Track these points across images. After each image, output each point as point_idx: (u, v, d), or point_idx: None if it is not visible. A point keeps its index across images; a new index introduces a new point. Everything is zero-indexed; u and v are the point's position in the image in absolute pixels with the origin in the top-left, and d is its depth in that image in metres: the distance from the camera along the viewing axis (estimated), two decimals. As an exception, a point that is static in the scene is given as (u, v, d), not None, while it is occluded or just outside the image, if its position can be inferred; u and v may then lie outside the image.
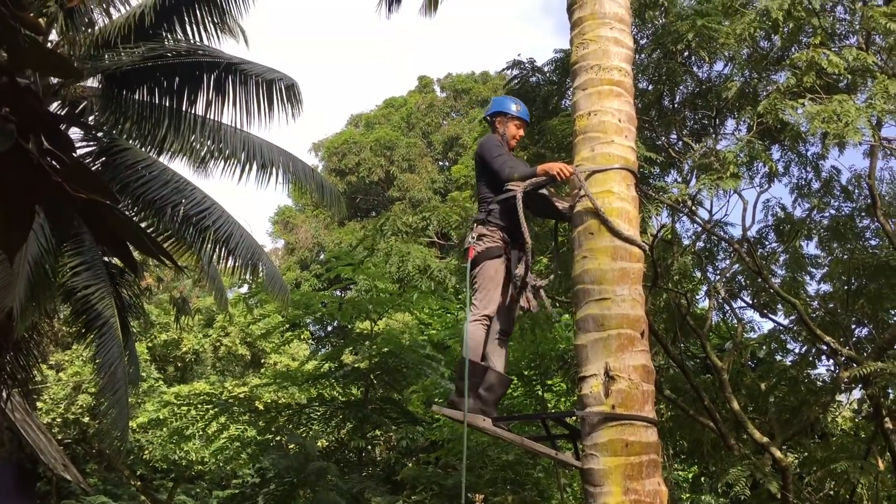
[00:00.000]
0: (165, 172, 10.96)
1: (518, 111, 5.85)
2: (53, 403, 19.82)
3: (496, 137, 5.72)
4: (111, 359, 9.41)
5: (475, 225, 5.52)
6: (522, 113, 5.88)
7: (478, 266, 5.35)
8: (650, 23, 9.61)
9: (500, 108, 5.89)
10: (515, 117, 5.82)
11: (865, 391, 10.81)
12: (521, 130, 5.90)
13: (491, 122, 5.93)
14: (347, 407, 12.36)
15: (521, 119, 5.85)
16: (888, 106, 7.55)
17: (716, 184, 8.05)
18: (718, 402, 11.27)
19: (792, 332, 12.31)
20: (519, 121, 5.84)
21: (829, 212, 11.38)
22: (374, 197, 33.99)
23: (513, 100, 6.03)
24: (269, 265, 11.98)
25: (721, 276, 11.88)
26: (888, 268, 10.51)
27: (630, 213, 5.07)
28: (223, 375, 23.47)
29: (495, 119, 5.86)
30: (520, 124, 5.85)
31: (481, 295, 5.31)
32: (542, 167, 5.30)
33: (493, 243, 5.35)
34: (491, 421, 5.09)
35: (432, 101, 35.36)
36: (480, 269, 5.34)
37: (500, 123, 5.82)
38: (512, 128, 5.81)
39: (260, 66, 10.42)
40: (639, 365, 4.68)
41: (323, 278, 26.90)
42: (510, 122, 5.81)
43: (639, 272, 5.00)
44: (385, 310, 13.52)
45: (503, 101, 6.01)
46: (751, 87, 9.40)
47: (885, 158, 10.66)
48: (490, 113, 5.96)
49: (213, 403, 12.94)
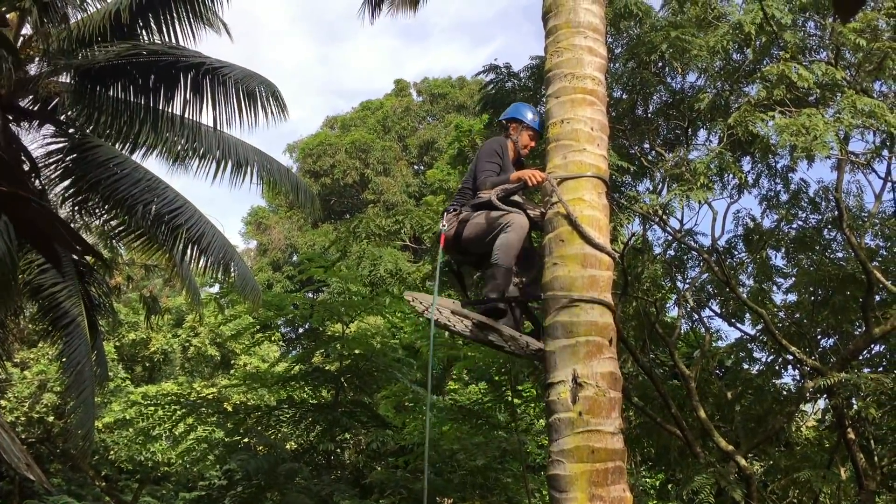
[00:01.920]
0: (137, 170, 10.87)
1: (533, 121, 5.89)
2: (17, 402, 19.52)
3: (499, 144, 5.74)
4: (78, 358, 9.31)
5: (446, 214, 5.64)
6: (536, 123, 5.91)
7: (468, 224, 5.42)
8: (625, 33, 9.70)
9: (517, 114, 5.93)
10: (530, 127, 5.87)
11: (829, 401, 10.98)
12: (534, 142, 5.94)
13: (506, 126, 5.96)
14: (317, 409, 12.28)
15: (534, 130, 5.90)
16: (856, 121, 7.69)
17: (686, 195, 8.14)
18: (686, 410, 11.38)
19: (758, 342, 12.47)
20: (532, 131, 5.89)
21: (797, 223, 11.56)
22: (348, 199, 33.90)
23: (530, 108, 6.05)
24: (241, 265, 11.91)
25: (691, 285, 12.00)
26: (853, 280, 10.68)
27: (601, 222, 5.11)
28: (192, 376, 23.27)
29: (510, 125, 5.91)
30: (533, 135, 5.91)
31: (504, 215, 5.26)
32: (514, 174, 5.35)
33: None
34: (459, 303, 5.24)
35: (408, 105, 35.35)
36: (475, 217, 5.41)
37: (514, 130, 5.88)
38: (525, 137, 5.87)
39: (240, 70, 10.34)
40: (606, 372, 4.72)
41: (295, 280, 26.80)
42: (525, 132, 5.86)
43: (608, 280, 5.04)
44: (357, 312, 13.48)
45: (521, 107, 6.03)
46: (723, 98, 9.53)
47: (851, 172, 10.84)
48: (506, 118, 5.99)
49: (181, 404, 12.81)
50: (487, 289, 5.26)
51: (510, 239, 5.22)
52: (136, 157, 11.06)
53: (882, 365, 12.00)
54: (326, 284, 14.72)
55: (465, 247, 5.53)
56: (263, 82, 10.30)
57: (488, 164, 5.55)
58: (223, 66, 10.23)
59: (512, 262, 5.26)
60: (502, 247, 5.22)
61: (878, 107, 7.61)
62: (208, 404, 13.28)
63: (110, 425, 19.27)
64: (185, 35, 10.64)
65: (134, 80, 10.22)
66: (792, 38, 8.45)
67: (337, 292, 18.59)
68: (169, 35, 10.61)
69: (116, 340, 21.97)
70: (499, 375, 12.92)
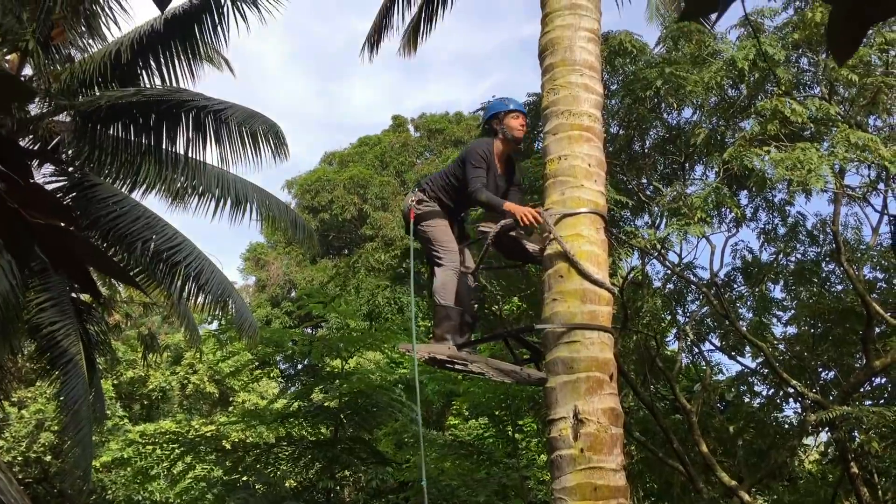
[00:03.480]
0: (137, 208, 10.91)
1: (509, 105, 5.86)
2: (15, 441, 19.35)
3: (483, 148, 5.72)
4: (76, 396, 9.26)
5: (415, 190, 5.74)
6: (516, 105, 5.89)
7: (430, 221, 5.55)
8: (620, 69, 9.80)
9: (495, 109, 5.88)
10: (511, 111, 5.83)
11: (832, 435, 10.92)
12: (521, 119, 5.86)
13: (490, 128, 5.92)
14: (316, 446, 12.19)
15: (517, 111, 5.85)
16: (850, 154, 7.75)
17: (684, 229, 8.18)
18: (688, 444, 11.32)
19: (759, 375, 12.44)
20: (515, 112, 5.84)
21: (796, 256, 11.58)
22: (346, 234, 33.93)
23: (504, 98, 6.00)
24: (239, 302, 11.90)
25: (691, 318, 12.00)
26: (853, 313, 10.69)
27: (599, 257, 5.13)
28: (190, 413, 23.11)
29: (492, 123, 5.87)
30: (517, 114, 5.84)
31: (441, 248, 5.49)
32: (508, 206, 5.35)
33: (432, 207, 5.61)
34: (456, 347, 5.27)
35: (406, 141, 35.53)
36: (429, 228, 5.55)
37: (497, 124, 5.83)
38: (510, 121, 5.80)
39: (241, 109, 10.43)
40: (607, 408, 4.70)
41: (294, 315, 26.73)
42: (507, 118, 5.80)
43: (608, 315, 5.05)
44: (356, 348, 13.44)
45: (495, 104, 5.99)
46: (718, 133, 9.61)
47: (848, 205, 10.90)
48: (487, 118, 5.95)
49: (179, 442, 12.71)
50: (442, 329, 5.32)
51: (445, 279, 5.40)
52: (136, 194, 11.09)
53: (884, 397, 11.96)
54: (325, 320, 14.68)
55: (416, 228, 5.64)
56: (265, 122, 10.38)
57: (476, 169, 5.56)
58: (225, 107, 10.32)
59: (454, 299, 5.39)
60: (440, 289, 5.39)
61: (871, 141, 7.67)
62: (206, 442, 13.17)
63: (108, 464, 19.09)
64: (185, 74, 10.76)
65: (135, 119, 10.30)
66: (785, 74, 8.55)
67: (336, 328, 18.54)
68: (169, 74, 10.72)
69: (114, 378, 21.85)
70: (499, 410, 12.87)
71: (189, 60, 10.77)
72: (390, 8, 10.74)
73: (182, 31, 10.47)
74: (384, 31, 10.89)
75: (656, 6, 10.03)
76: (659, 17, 10.09)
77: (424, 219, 5.57)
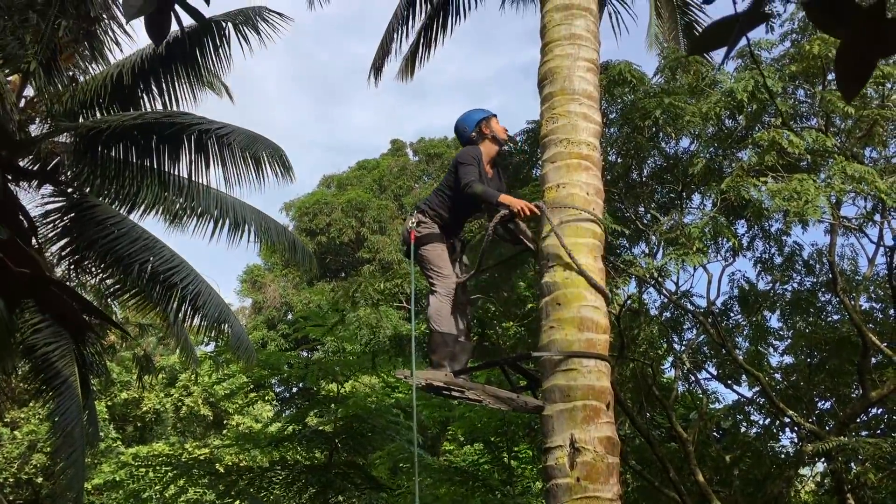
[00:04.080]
0: (135, 230, 10.91)
1: (486, 112, 5.97)
2: (7, 462, 19.23)
3: (474, 154, 5.76)
4: (69, 418, 9.21)
5: (415, 212, 5.76)
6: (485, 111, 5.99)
7: (422, 249, 5.58)
8: (619, 99, 9.88)
9: (478, 117, 5.92)
10: (492, 115, 5.96)
11: (828, 465, 10.89)
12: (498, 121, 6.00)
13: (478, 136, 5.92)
14: (310, 471, 12.12)
15: (492, 115, 5.98)
16: (846, 186, 7.80)
17: (682, 259, 8.21)
18: (684, 474, 11.27)
19: (755, 404, 12.42)
20: (495, 117, 5.98)
21: (792, 286, 11.61)
22: (344, 258, 33.94)
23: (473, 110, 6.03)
24: (236, 325, 11.88)
25: (687, 347, 12.00)
26: (849, 343, 10.70)
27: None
28: (184, 436, 22.98)
29: (480, 128, 5.91)
30: (496, 119, 5.98)
31: (436, 273, 5.55)
32: (504, 198, 5.43)
33: (432, 229, 5.64)
34: (453, 374, 5.28)
35: (405, 165, 35.68)
36: (426, 253, 5.58)
37: (486, 129, 5.90)
38: (493, 124, 5.92)
39: (244, 133, 10.46)
40: (604, 437, 4.70)
41: (290, 338, 26.66)
42: (491, 121, 5.91)
43: (605, 343, 5.07)
44: (352, 372, 13.41)
45: (470, 115, 5.99)
46: (716, 163, 9.66)
47: (845, 236, 10.94)
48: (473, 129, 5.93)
49: (173, 465, 12.64)
50: (438, 356, 5.35)
51: (439, 306, 5.45)
52: (134, 216, 11.10)
53: (880, 428, 11.94)
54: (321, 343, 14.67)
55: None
56: (269, 146, 10.41)
57: (468, 167, 5.63)
58: (229, 131, 10.36)
59: (448, 324, 5.43)
60: (434, 315, 5.45)
61: (867, 173, 7.73)
62: (200, 465, 13.09)
63: (100, 487, 18.95)
64: (186, 96, 10.82)
65: (136, 141, 10.32)
66: (783, 106, 8.62)
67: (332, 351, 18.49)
68: (170, 97, 10.78)
69: (108, 400, 21.74)
70: (495, 437, 12.82)
71: (191, 83, 10.84)
72: (393, 33, 10.85)
73: (184, 54, 10.55)
74: (387, 56, 11.00)
75: (655, 35, 10.13)
76: (658, 46, 10.19)
77: (423, 242, 5.61)
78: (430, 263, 5.57)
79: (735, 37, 1.74)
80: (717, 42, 1.80)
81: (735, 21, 1.72)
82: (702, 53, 8.68)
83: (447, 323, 5.44)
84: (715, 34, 1.79)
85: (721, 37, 1.77)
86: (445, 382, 5.24)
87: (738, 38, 1.75)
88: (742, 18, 1.71)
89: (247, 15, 10.55)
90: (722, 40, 1.77)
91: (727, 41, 1.75)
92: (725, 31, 1.75)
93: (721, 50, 1.82)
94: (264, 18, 10.58)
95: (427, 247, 5.59)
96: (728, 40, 1.75)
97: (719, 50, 1.84)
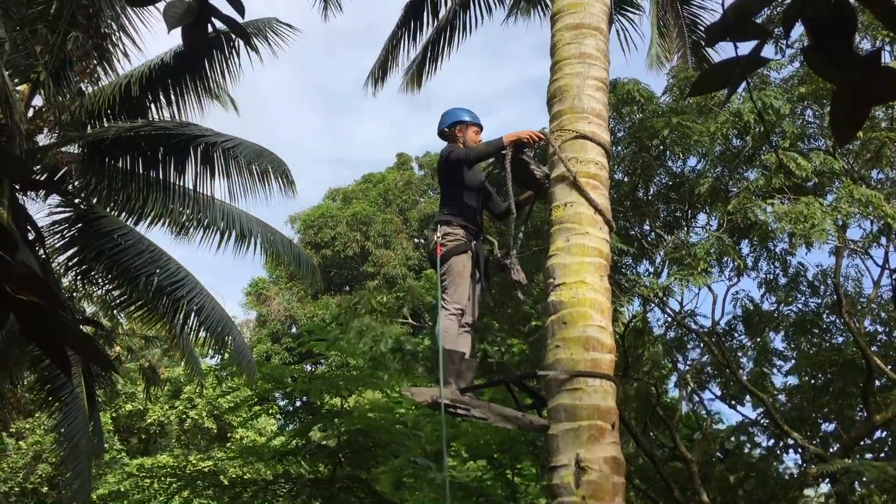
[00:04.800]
0: (141, 242, 10.96)
1: (472, 118, 5.99)
2: (12, 472, 19.22)
3: (455, 146, 5.86)
4: (75, 429, 9.22)
5: (439, 226, 5.72)
6: (476, 119, 6.02)
7: (446, 263, 5.57)
8: (627, 117, 9.91)
9: (456, 118, 5.98)
10: (472, 123, 5.97)
11: (833, 487, 10.84)
12: (480, 134, 6.01)
13: (449, 134, 6.00)
14: (314, 485, 12.08)
15: (476, 125, 5.99)
16: (853, 209, 7.81)
17: (687, 279, 8.21)
18: (688, 493, 11.23)
19: (759, 425, 12.38)
20: (476, 126, 5.98)
21: (796, 306, 11.59)
22: (348, 271, 33.94)
23: (463, 109, 6.10)
24: (238, 339, 11.91)
25: (692, 367, 11.98)
26: (853, 366, 10.67)
27: (603, 304, 5.16)
28: (188, 448, 22.95)
29: (454, 129, 5.97)
30: (477, 130, 5.99)
31: (452, 290, 5.54)
32: (507, 137, 5.49)
33: (457, 241, 5.61)
34: (459, 392, 5.28)
35: (410, 179, 35.69)
36: (449, 266, 5.57)
37: (459, 132, 5.94)
38: (471, 134, 5.95)
39: (249, 146, 10.53)
40: (609, 457, 4.70)
41: (294, 352, 26.66)
42: (469, 129, 5.94)
43: (610, 363, 5.07)
44: (356, 386, 13.39)
45: (455, 111, 6.06)
46: (723, 183, 9.68)
47: (850, 257, 10.93)
48: (448, 125, 6.01)
49: (177, 477, 12.61)
50: (447, 373, 5.33)
51: (447, 324, 5.47)
52: (141, 227, 11.16)
53: (884, 451, 11.89)
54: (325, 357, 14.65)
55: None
56: (273, 160, 10.48)
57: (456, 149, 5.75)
58: (235, 144, 10.42)
59: (456, 342, 5.45)
60: (442, 333, 5.46)
61: (874, 196, 7.74)
62: (204, 478, 13.07)
63: (105, 497, 18.89)
64: (193, 109, 10.87)
65: (143, 152, 10.38)
66: (790, 128, 8.64)
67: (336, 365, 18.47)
68: (178, 108, 10.83)
69: (113, 411, 21.74)
70: (498, 453, 12.78)
71: (198, 94, 10.89)
72: (396, 46, 10.91)
73: (192, 65, 10.60)
74: (389, 67, 11.05)
75: (656, 54, 10.19)
76: (659, 65, 10.23)
77: (448, 255, 5.60)
78: (448, 277, 5.58)
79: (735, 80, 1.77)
80: (717, 84, 1.84)
81: (735, 65, 1.75)
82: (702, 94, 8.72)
83: (454, 341, 5.46)
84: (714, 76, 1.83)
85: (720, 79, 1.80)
86: (451, 400, 5.24)
87: (739, 81, 1.78)
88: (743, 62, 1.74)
89: (257, 27, 10.61)
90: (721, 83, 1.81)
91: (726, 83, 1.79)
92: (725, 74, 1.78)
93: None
94: (274, 30, 10.63)
95: (451, 260, 5.59)
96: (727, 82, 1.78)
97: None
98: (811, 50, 1.69)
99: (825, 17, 1.64)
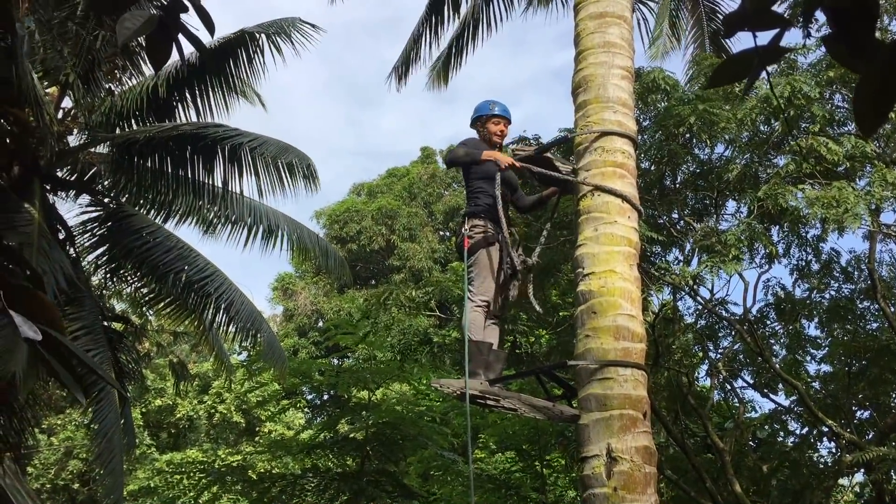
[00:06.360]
0: (169, 239, 11.05)
1: (494, 109, 6.03)
2: (44, 468, 19.51)
3: (471, 139, 5.98)
4: (107, 426, 9.31)
5: (467, 218, 5.76)
6: (500, 110, 6.05)
7: (473, 255, 5.61)
8: (653, 106, 9.81)
9: (477, 112, 6.07)
10: (492, 115, 6.00)
11: (868, 476, 10.70)
12: (502, 125, 6.03)
13: (474, 126, 6.12)
14: (342, 479, 12.14)
15: (498, 115, 6.02)
16: (886, 193, 7.67)
17: (718, 267, 8.12)
18: (720, 483, 11.13)
19: (793, 414, 12.24)
20: (497, 117, 6.01)
21: (830, 293, 11.43)
22: (374, 265, 34.02)
23: (490, 102, 6.15)
24: (269, 333, 11.96)
25: (724, 355, 11.86)
26: (889, 352, 10.51)
27: (633, 294, 5.12)
28: (217, 443, 23.16)
29: (476, 124, 6.08)
30: (498, 120, 6.01)
31: (478, 282, 5.58)
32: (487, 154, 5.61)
33: (485, 232, 5.63)
34: (488, 383, 5.27)
35: (434, 172, 35.67)
36: (476, 258, 5.61)
37: (480, 126, 6.04)
38: (490, 126, 5.99)
39: (274, 143, 10.59)
40: (641, 447, 4.66)
41: (321, 346, 26.77)
42: (488, 122, 5.99)
43: (641, 352, 5.03)
44: (384, 380, 13.42)
45: (479, 106, 6.15)
46: (752, 169, 9.55)
47: (883, 241, 10.75)
48: (472, 120, 6.12)
49: (207, 472, 12.73)
50: (473, 364, 5.32)
51: (473, 315, 5.49)
52: (170, 225, 11.25)
53: (922, 438, 11.70)
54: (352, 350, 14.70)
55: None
56: (298, 155, 10.54)
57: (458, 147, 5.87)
58: (261, 142, 10.50)
59: (483, 333, 5.47)
60: (469, 324, 5.47)
61: (909, 179, 7.60)
62: (233, 472, 13.18)
63: (135, 493, 19.14)
64: (219, 107, 10.93)
65: (171, 151, 10.47)
66: (820, 112, 8.49)
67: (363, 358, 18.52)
68: (204, 107, 10.90)
69: (143, 407, 21.99)
70: (527, 444, 12.76)
71: (223, 94, 10.95)
72: (418, 40, 10.90)
73: (217, 65, 10.66)
74: (412, 62, 11.05)
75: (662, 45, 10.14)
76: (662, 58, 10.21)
77: (476, 248, 5.64)
78: (476, 268, 5.59)
79: (754, 72, 1.72)
80: (735, 76, 1.79)
81: (753, 56, 1.70)
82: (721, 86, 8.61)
83: (482, 332, 5.45)
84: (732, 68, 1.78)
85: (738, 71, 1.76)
86: (481, 391, 5.22)
87: (758, 73, 1.73)
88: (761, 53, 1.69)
89: (280, 26, 10.64)
90: (739, 74, 1.76)
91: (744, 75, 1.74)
92: (743, 66, 1.73)
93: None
94: (298, 29, 10.65)
95: (479, 252, 5.61)
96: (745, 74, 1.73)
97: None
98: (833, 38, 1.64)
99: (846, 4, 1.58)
